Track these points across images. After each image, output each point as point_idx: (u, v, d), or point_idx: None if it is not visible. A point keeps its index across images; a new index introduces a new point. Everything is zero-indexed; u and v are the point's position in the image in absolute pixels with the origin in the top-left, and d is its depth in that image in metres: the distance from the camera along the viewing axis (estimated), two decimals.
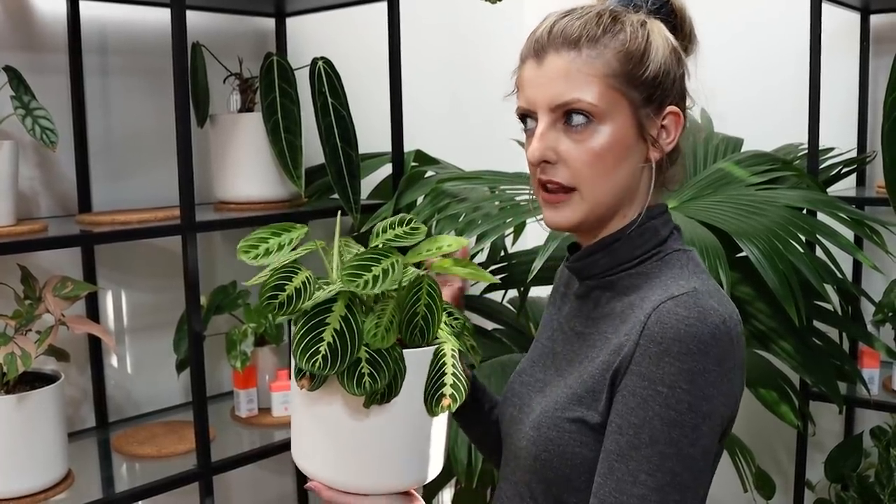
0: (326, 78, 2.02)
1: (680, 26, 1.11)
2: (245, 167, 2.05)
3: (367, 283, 1.01)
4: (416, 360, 1.07)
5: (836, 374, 2.01)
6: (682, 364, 0.95)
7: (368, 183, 2.30)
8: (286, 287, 1.03)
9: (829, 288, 2.03)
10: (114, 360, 2.10)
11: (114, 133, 2.07)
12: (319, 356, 1.00)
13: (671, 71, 1.06)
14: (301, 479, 2.48)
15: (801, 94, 2.14)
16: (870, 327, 2.27)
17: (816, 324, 2.08)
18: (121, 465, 1.88)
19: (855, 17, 2.40)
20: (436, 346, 1.09)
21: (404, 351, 1.05)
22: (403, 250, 1.10)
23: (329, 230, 2.52)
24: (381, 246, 1.09)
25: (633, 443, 0.97)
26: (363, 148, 2.13)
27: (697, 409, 0.96)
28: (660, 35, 1.06)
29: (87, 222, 1.83)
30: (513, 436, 1.14)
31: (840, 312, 2.13)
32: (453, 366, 1.08)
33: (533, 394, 1.14)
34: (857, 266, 2.44)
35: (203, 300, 2.00)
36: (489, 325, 2.33)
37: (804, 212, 1.97)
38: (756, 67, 2.62)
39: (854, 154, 2.40)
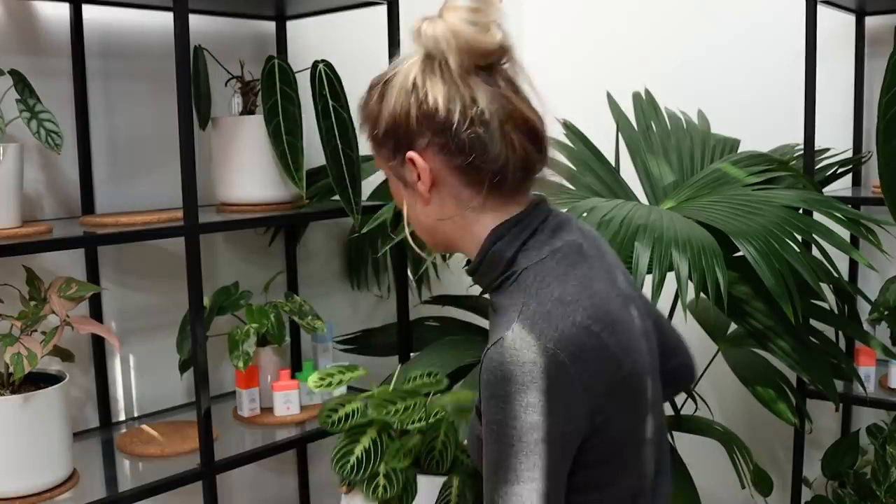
0: (327, 80, 2.04)
1: (439, 61, 1.13)
2: (247, 169, 2.06)
3: (389, 413, 1.38)
4: (427, 485, 1.35)
5: (832, 372, 2.03)
6: (505, 404, 1.04)
7: (369, 184, 2.32)
8: (340, 410, 1.49)
9: (826, 287, 2.05)
10: (117, 361, 2.12)
11: (117, 136, 2.09)
12: (349, 465, 1.38)
13: (401, 123, 1.14)
14: (303, 479, 2.50)
15: (798, 95, 2.16)
16: (866, 326, 2.29)
17: (813, 322, 2.09)
18: (124, 464, 1.90)
19: (851, 19, 2.42)
20: (446, 478, 1.34)
21: (419, 475, 1.32)
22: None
23: (330, 232, 2.54)
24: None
25: (488, 469, 1.08)
26: (363, 149, 2.14)
27: (527, 439, 1.03)
28: (400, 87, 1.14)
29: (91, 224, 1.85)
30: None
31: (837, 311, 2.15)
32: (458, 498, 1.33)
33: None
34: (853, 265, 2.45)
35: (205, 301, 2.01)
36: (486, 325, 2.35)
37: (801, 211, 1.99)
38: (753, 68, 2.64)
39: (850, 154, 2.42)
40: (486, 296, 1.23)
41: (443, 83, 1.11)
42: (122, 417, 2.14)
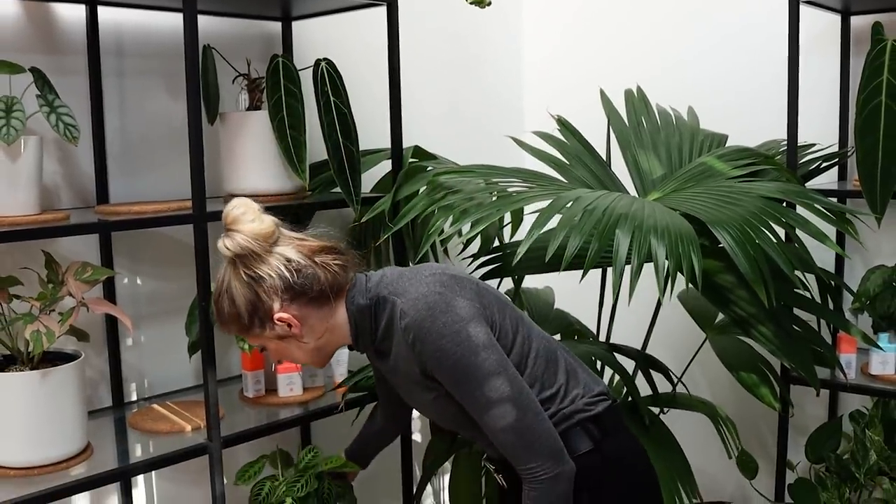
0: (329, 78, 2.14)
1: (249, 255, 1.58)
2: (253, 162, 2.17)
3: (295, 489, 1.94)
4: None
5: (814, 359, 2.10)
6: (436, 338, 1.52)
7: (370, 177, 2.42)
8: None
9: (811, 277, 2.13)
10: (130, 344, 2.23)
11: (130, 130, 2.20)
12: None
13: (256, 303, 1.59)
14: None
15: (785, 93, 2.24)
16: (849, 315, 2.36)
17: (797, 311, 2.17)
18: (136, 439, 2.01)
19: (837, 19, 2.50)
20: None
21: None
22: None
23: (333, 221, 2.64)
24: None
25: (467, 391, 1.54)
26: (364, 144, 2.25)
27: (465, 345, 1.52)
28: (238, 285, 1.60)
29: (106, 212, 1.96)
30: (435, 420, 1.83)
31: (819, 300, 2.23)
32: None
33: (413, 401, 1.75)
34: (839, 256, 2.53)
35: (213, 286, 2.12)
36: None
37: (784, 204, 2.07)
38: (743, 68, 2.73)
39: (835, 150, 2.50)
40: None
41: (262, 263, 1.58)
42: (134, 398, 2.25)
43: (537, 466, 1.51)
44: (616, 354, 2.20)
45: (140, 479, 2.25)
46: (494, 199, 2.07)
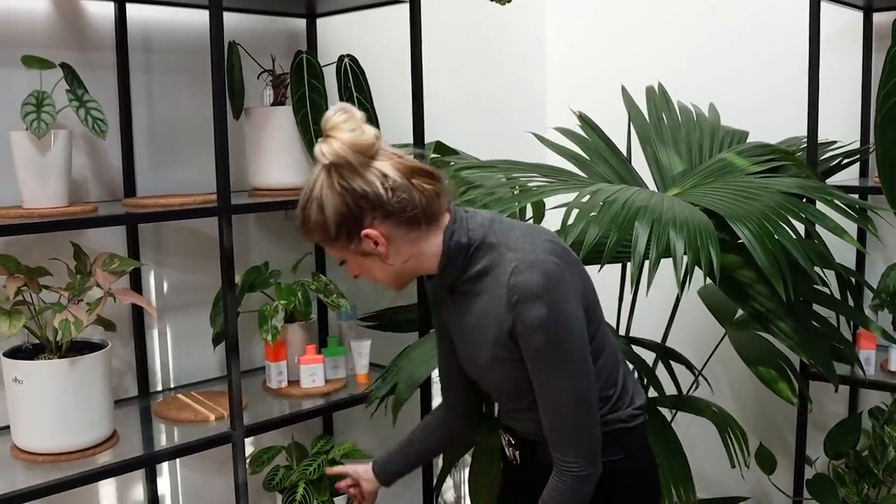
0: (352, 74, 2.17)
1: (345, 164, 1.46)
2: (277, 156, 2.20)
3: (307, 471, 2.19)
4: None
5: (835, 356, 2.10)
6: (540, 308, 1.45)
7: None
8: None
9: (830, 273, 2.13)
10: (155, 335, 2.27)
11: (157, 125, 2.24)
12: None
13: (346, 215, 1.47)
14: None
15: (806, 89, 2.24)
16: (869, 311, 2.36)
17: (816, 308, 2.17)
18: (161, 427, 2.05)
19: (859, 15, 2.49)
20: None
21: None
22: None
23: None
24: None
25: (545, 367, 1.49)
26: (387, 139, 2.25)
27: (564, 325, 1.46)
28: (329, 193, 1.47)
29: (133, 205, 2.00)
30: (483, 379, 1.68)
31: (839, 296, 2.23)
32: None
33: (471, 352, 1.62)
34: (860, 254, 2.52)
35: (237, 279, 2.15)
36: None
37: (804, 200, 2.08)
38: (764, 65, 2.73)
39: (857, 146, 2.50)
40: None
41: (358, 176, 1.46)
42: (160, 388, 2.29)
43: (575, 462, 1.51)
44: (636, 348, 2.21)
45: (165, 467, 2.29)
46: (519, 192, 2.09)
